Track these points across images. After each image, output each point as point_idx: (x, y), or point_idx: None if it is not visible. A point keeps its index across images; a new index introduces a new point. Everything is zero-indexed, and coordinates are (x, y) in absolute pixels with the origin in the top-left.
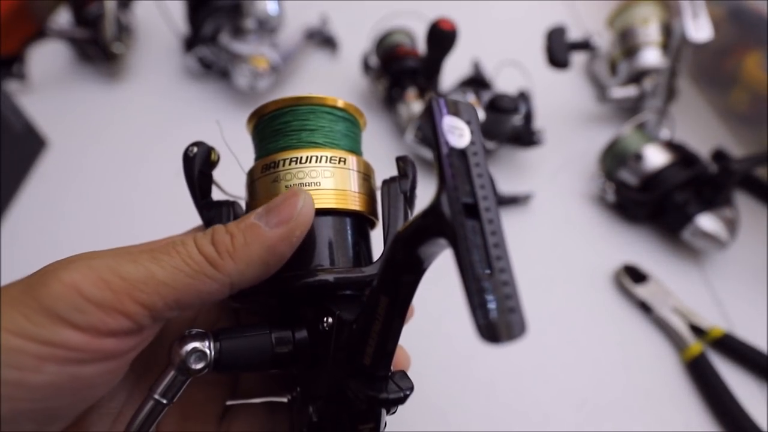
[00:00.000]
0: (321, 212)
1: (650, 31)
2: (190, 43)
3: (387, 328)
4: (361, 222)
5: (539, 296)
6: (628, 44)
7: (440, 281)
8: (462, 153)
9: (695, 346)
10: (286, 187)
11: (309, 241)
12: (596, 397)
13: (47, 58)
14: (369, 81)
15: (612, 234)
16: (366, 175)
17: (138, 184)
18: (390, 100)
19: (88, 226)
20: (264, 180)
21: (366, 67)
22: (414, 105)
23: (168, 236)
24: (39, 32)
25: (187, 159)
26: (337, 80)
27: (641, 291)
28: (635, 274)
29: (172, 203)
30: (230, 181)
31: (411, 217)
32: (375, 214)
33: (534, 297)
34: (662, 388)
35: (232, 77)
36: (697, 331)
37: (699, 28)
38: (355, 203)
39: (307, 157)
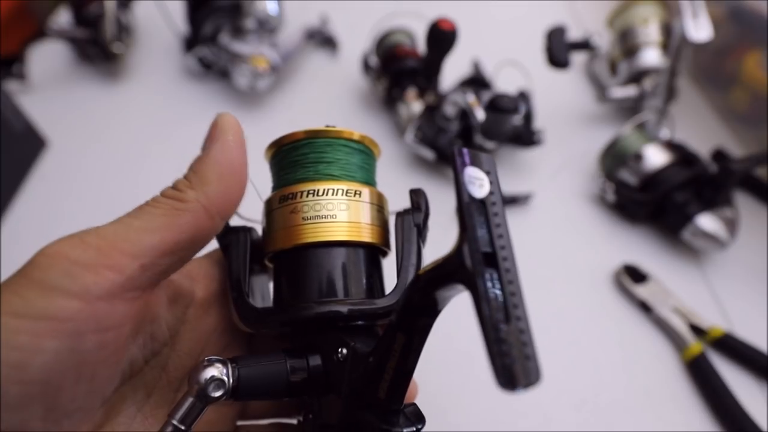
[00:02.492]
0: (335, 244)
1: (650, 31)
2: (190, 43)
3: (402, 364)
4: (374, 253)
5: (539, 296)
6: (628, 44)
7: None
8: (482, 203)
9: (695, 346)
10: (303, 218)
11: (322, 272)
12: (596, 397)
13: (47, 58)
14: (369, 81)
15: (612, 234)
16: (379, 206)
17: (138, 184)
18: (390, 100)
19: (88, 225)
20: (281, 211)
21: (366, 67)
22: (414, 105)
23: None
24: (39, 32)
25: None
26: (337, 80)
27: (641, 291)
28: (635, 274)
29: None
30: (246, 203)
31: (423, 254)
32: (387, 245)
33: (534, 297)
34: (662, 388)
35: (232, 77)
36: (697, 330)
37: (699, 28)
38: (368, 235)
39: (324, 190)
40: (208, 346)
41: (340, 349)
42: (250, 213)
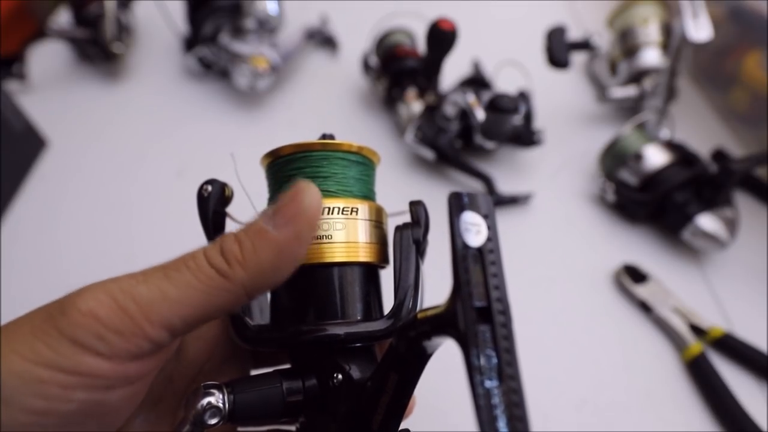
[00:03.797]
0: (331, 265)
1: (650, 31)
2: (190, 43)
3: (395, 401)
4: (372, 271)
5: (539, 296)
6: (628, 44)
7: (440, 281)
8: (478, 252)
9: (695, 346)
10: None
11: (319, 294)
12: (596, 397)
13: (47, 58)
14: (369, 81)
15: (612, 234)
16: (377, 221)
17: (138, 184)
18: (390, 100)
19: (88, 225)
20: None
21: (366, 67)
22: (414, 105)
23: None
24: (39, 32)
25: (202, 199)
26: (337, 80)
27: (641, 291)
28: (635, 274)
29: (172, 203)
30: (241, 206)
31: (422, 270)
32: (386, 260)
33: (534, 297)
34: (662, 388)
35: (232, 77)
36: (697, 330)
37: (699, 28)
38: (365, 255)
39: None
40: (214, 356)
41: (335, 374)
42: (248, 213)
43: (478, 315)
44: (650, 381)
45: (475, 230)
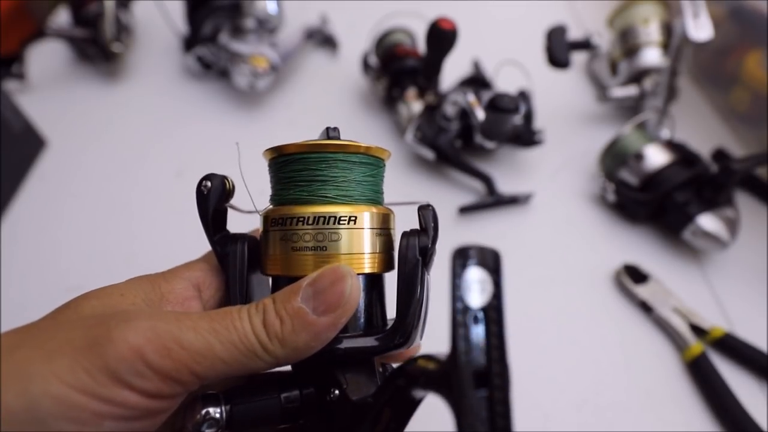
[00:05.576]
0: None
1: (651, 30)
2: (190, 42)
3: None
4: (375, 279)
5: (539, 296)
6: (628, 44)
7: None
8: (481, 312)
9: (696, 346)
10: (292, 248)
11: None
12: (596, 397)
13: (46, 58)
14: (369, 81)
15: (612, 234)
16: (381, 228)
17: (137, 183)
18: (390, 100)
19: (88, 225)
20: (274, 234)
21: (366, 66)
22: (414, 105)
23: (183, 264)
24: (38, 32)
25: (201, 196)
26: (337, 80)
27: (642, 291)
28: (636, 274)
29: (172, 203)
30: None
31: (428, 283)
32: (390, 266)
33: (534, 297)
34: (663, 388)
35: (232, 77)
36: (698, 331)
37: (699, 28)
38: (364, 265)
39: (315, 218)
40: None
41: (332, 390)
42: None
43: (475, 377)
44: (651, 381)
45: (479, 288)
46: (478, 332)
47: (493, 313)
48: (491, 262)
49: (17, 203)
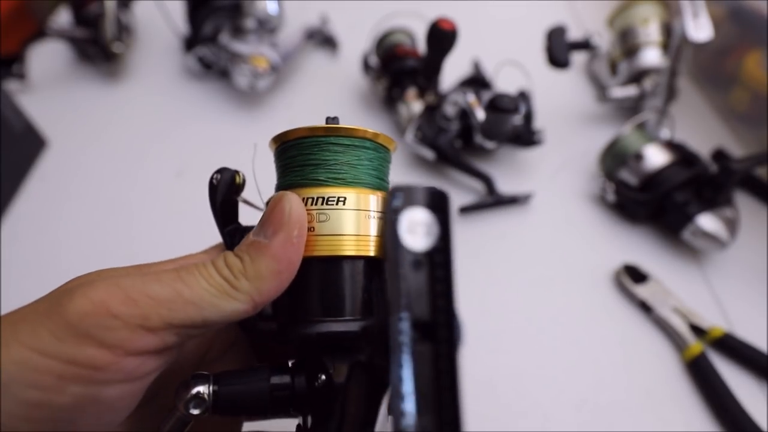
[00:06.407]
0: (315, 260)
1: (650, 30)
2: (190, 42)
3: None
4: (367, 264)
5: (539, 296)
6: (628, 44)
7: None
8: (425, 257)
9: (695, 346)
10: None
11: (309, 289)
12: (596, 397)
13: (47, 58)
14: (369, 81)
15: (612, 234)
16: (376, 212)
17: (137, 183)
18: (390, 100)
19: (88, 225)
20: None
21: (366, 66)
22: (414, 105)
23: (184, 255)
24: (39, 32)
25: (212, 188)
26: (337, 80)
27: (641, 291)
28: (635, 274)
29: (172, 203)
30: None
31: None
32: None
33: (534, 297)
34: (662, 388)
35: (232, 77)
36: (698, 330)
37: (699, 28)
38: (351, 248)
39: (304, 200)
40: (215, 344)
41: (319, 375)
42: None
43: (419, 330)
44: (650, 381)
45: (422, 231)
46: (419, 279)
47: (439, 256)
48: (436, 201)
49: (18, 203)
